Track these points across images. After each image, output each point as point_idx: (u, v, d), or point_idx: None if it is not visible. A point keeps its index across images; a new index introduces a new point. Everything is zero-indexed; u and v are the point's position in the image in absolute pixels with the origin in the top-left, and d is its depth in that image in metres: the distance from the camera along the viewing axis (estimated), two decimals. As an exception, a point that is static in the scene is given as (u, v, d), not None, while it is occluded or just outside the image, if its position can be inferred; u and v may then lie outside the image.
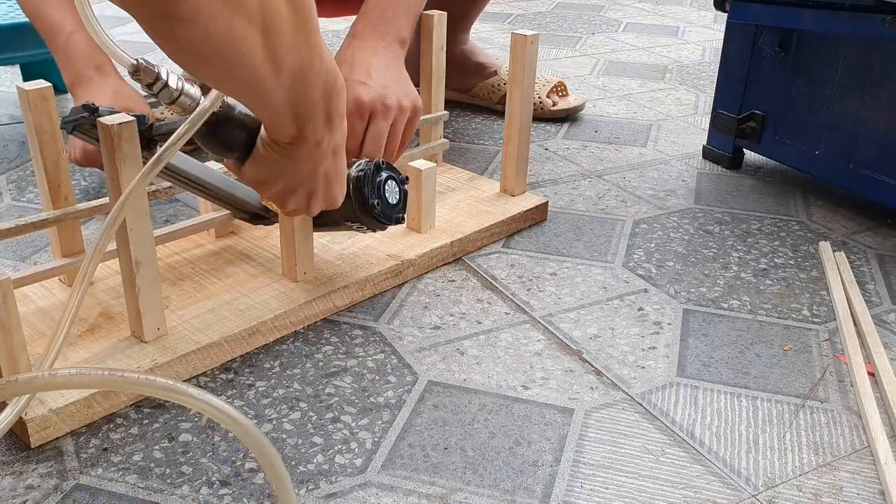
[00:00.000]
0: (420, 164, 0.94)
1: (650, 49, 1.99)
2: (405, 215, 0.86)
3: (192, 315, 0.80)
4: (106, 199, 0.75)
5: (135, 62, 0.62)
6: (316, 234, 0.89)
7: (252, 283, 0.86)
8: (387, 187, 0.82)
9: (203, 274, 0.87)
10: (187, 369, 0.75)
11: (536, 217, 1.07)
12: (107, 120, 0.67)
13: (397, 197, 0.84)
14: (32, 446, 0.66)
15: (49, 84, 0.75)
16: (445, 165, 1.18)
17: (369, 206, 0.80)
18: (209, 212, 0.91)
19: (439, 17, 1.05)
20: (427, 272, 0.95)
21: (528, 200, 1.07)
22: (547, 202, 1.09)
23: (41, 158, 0.76)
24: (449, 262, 0.97)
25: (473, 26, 1.55)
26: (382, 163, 0.83)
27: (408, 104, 0.95)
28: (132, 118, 0.68)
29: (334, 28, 2.04)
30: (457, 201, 1.06)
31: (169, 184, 0.82)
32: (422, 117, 1.10)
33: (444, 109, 1.12)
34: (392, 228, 0.88)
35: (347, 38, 0.97)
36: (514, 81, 1.03)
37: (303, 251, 0.85)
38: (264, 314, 0.81)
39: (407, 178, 0.87)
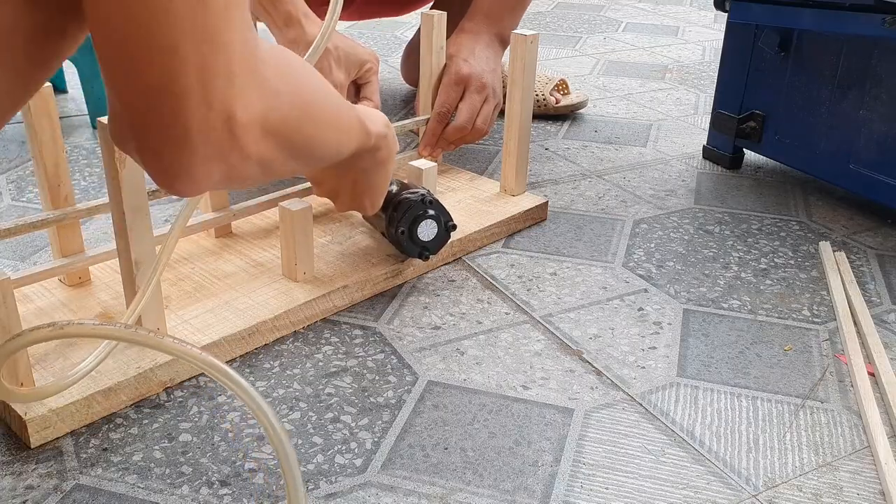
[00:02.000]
0: (421, 163, 0.94)
1: (650, 49, 1.99)
2: (432, 255, 0.90)
3: (192, 315, 0.80)
4: (106, 200, 0.75)
5: None
6: (316, 234, 0.90)
7: (252, 283, 0.86)
8: (423, 224, 0.87)
9: (203, 274, 0.87)
10: (187, 369, 0.75)
11: (536, 217, 1.07)
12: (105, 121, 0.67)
13: (430, 237, 0.88)
14: (32, 446, 0.66)
15: (49, 84, 0.74)
16: (445, 165, 1.18)
17: (395, 229, 0.86)
18: (209, 211, 0.91)
19: (439, 17, 1.05)
20: (427, 272, 0.95)
21: (528, 200, 1.07)
22: (547, 202, 1.09)
23: (41, 158, 0.76)
24: (449, 262, 0.97)
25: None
26: (432, 202, 0.87)
27: (499, 93, 1.10)
28: None
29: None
30: (457, 201, 1.06)
31: None
32: (421, 116, 1.11)
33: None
34: None
35: (457, 30, 1.12)
36: (513, 81, 1.03)
37: (303, 251, 0.85)
38: (264, 314, 0.81)
39: (454, 226, 0.89)
